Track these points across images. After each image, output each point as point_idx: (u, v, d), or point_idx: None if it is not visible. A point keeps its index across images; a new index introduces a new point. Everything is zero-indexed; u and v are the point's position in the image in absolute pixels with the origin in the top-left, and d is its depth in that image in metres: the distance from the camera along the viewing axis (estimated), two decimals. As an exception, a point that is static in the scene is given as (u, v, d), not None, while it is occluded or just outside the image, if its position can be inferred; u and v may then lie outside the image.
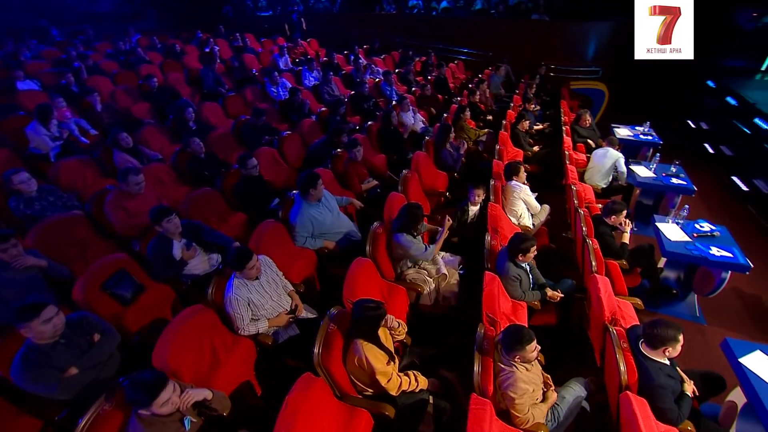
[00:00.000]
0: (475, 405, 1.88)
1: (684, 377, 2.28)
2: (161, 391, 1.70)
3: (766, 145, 5.08)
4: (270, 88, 6.30)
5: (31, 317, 1.97)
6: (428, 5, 10.75)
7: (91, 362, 2.18)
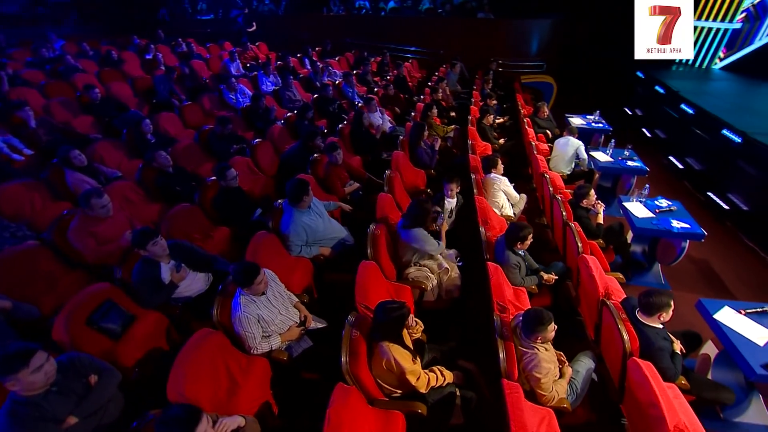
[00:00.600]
0: (509, 390, 1.96)
1: (672, 338, 2.54)
2: (197, 426, 1.58)
3: (693, 128, 5.76)
4: (228, 95, 6.02)
5: (19, 367, 1.73)
6: (376, 6, 10.85)
7: (92, 408, 1.96)
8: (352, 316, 2.31)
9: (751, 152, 4.63)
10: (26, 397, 1.80)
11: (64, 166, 3.73)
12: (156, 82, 6.41)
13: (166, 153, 3.86)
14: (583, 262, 2.97)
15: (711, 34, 8.02)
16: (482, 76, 7.79)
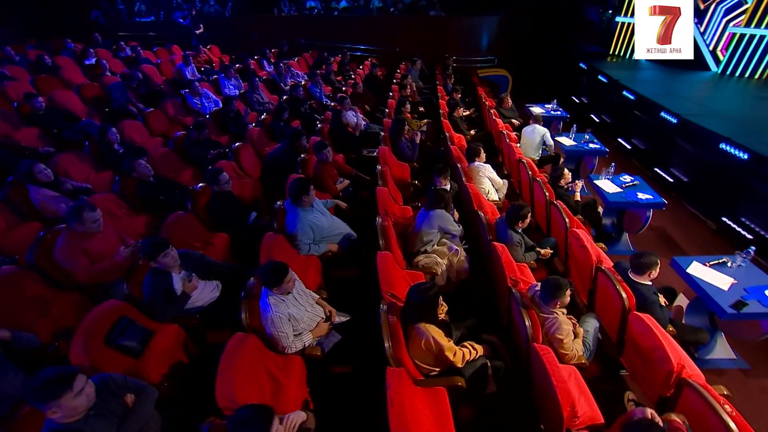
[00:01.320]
0: (543, 351, 2.16)
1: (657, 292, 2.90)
2: (272, 425, 1.59)
3: (635, 112, 6.47)
4: (192, 100, 5.75)
5: (62, 391, 1.62)
6: (327, 6, 10.83)
7: (134, 428, 1.88)
8: (383, 304, 2.39)
9: (686, 131, 5.31)
10: (66, 424, 1.69)
11: (27, 183, 3.40)
12: (112, 89, 5.97)
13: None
14: (573, 235, 3.28)
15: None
16: (442, 72, 8.10)
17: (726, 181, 4.65)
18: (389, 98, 6.36)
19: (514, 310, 2.59)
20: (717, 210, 4.64)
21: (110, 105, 5.84)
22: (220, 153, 4.59)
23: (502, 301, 2.97)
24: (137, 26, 10.18)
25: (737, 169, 4.55)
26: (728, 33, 7.82)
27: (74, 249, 2.74)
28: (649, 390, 2.46)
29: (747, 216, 4.34)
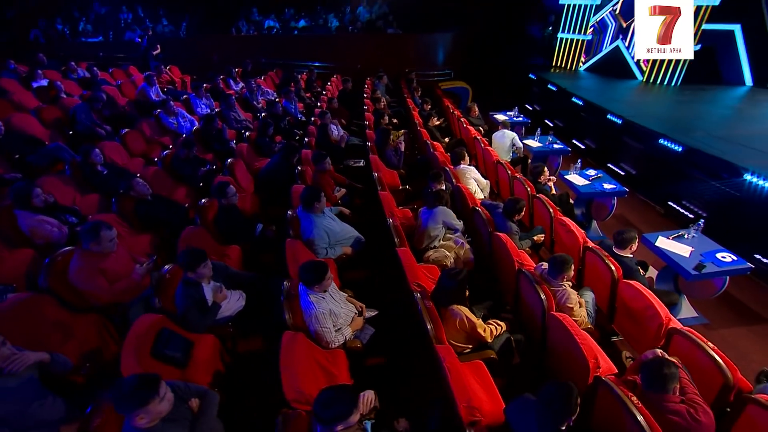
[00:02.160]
0: (561, 317, 2.49)
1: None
2: (358, 402, 1.75)
3: (584, 115, 7.32)
4: (167, 119, 5.67)
5: (149, 398, 1.67)
6: (286, 25, 11.05)
7: (207, 430, 1.94)
8: (416, 292, 2.62)
9: (630, 130, 6.14)
10: (146, 429, 1.73)
11: (18, 208, 3.25)
12: (76, 111, 5.71)
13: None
14: (559, 222, 3.74)
15: (574, 44, 10.15)
16: (408, 86, 8.60)
17: (667, 171, 5.44)
18: (365, 112, 6.66)
19: (525, 288, 2.92)
20: (663, 196, 5.40)
21: (74, 127, 5.58)
22: (209, 170, 4.60)
23: (508, 285, 3.31)
24: (83, 46, 9.68)
25: (675, 160, 5.36)
26: (649, 47, 9.09)
27: (92, 269, 2.69)
28: (642, 346, 2.87)
29: (687, 199, 5.12)
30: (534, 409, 1.82)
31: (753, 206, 4.31)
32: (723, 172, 4.65)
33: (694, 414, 1.91)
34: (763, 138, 5.51)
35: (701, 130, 5.74)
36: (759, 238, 4.08)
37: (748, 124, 6.23)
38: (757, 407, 2.05)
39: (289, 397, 2.00)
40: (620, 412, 1.94)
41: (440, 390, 2.16)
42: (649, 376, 2.01)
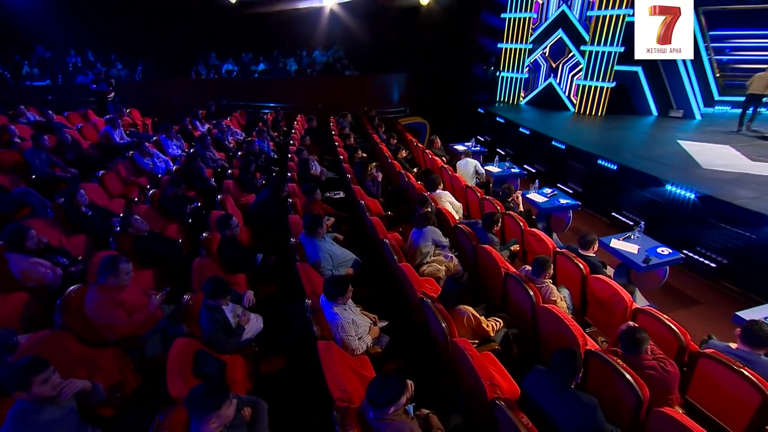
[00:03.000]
0: (551, 307, 2.98)
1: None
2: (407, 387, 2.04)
3: (532, 143, 8.36)
4: (142, 160, 5.72)
5: (222, 401, 1.85)
6: (245, 69, 11.50)
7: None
8: (426, 298, 2.99)
9: (573, 154, 7.16)
10: (214, 433, 1.89)
11: (11, 252, 3.22)
12: (27, 156, 5.57)
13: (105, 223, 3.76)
14: (530, 233, 4.34)
15: (515, 81, 11.58)
16: (371, 123, 9.27)
17: (607, 186, 6.40)
18: (337, 147, 7.13)
19: (513, 288, 3.40)
20: (607, 208, 6.31)
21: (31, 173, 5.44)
22: (196, 207, 4.74)
23: (495, 290, 3.77)
24: (28, 90, 9.34)
25: (612, 177, 6.35)
26: (575, 84, 10.66)
27: (111, 303, 2.76)
28: (613, 332, 3.39)
29: (626, 208, 6.05)
30: (547, 375, 2.23)
31: (675, 209, 5.26)
32: (650, 185, 5.63)
33: (664, 366, 2.42)
34: (673, 156, 6.72)
35: (628, 152, 6.86)
36: (683, 236, 4.97)
37: (660, 146, 7.53)
38: (706, 360, 2.61)
39: (335, 396, 2.23)
40: (610, 376, 2.40)
41: (462, 377, 2.51)
42: (626, 342, 2.51)
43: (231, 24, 11.04)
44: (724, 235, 4.76)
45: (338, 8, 11.12)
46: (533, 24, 11.03)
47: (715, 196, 4.94)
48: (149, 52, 11.33)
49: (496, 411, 2.16)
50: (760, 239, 4.43)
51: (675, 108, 9.91)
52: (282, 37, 12.26)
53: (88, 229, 4.10)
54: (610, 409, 2.26)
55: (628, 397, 2.32)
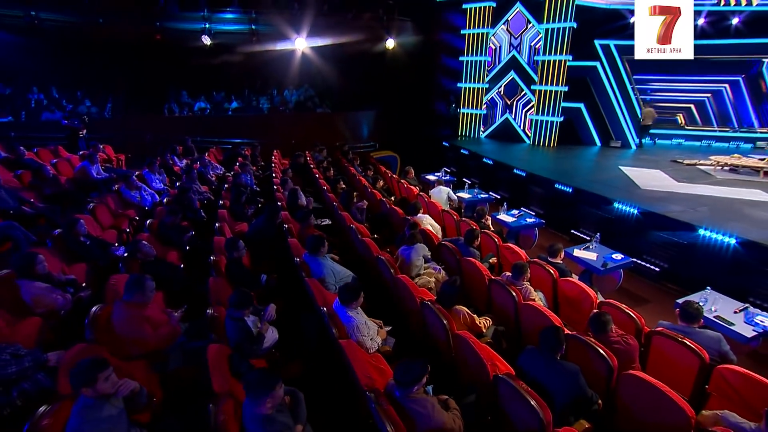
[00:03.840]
0: (533, 304, 3.53)
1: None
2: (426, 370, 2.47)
3: (495, 172, 9.28)
4: (129, 193, 5.89)
5: (276, 383, 2.19)
6: (218, 106, 11.90)
7: (304, 417, 2.44)
8: (428, 302, 3.45)
9: (533, 180, 8.09)
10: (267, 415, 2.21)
11: (21, 278, 3.35)
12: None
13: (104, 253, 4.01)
14: (505, 247, 4.97)
15: (474, 117, 12.78)
16: (345, 156, 9.88)
17: (565, 207, 7.30)
18: (318, 179, 7.62)
19: (497, 292, 3.94)
20: (566, 226, 7.17)
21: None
22: (192, 236, 4.98)
23: (480, 296, 4.29)
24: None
25: (568, 199, 7.26)
26: (528, 119, 12.00)
27: (139, 318, 2.99)
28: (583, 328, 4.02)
29: (583, 225, 6.93)
30: (537, 351, 2.74)
31: (622, 223, 6.16)
32: (601, 203, 6.55)
33: (627, 341, 3.01)
34: (617, 179, 7.82)
35: (580, 176, 7.89)
36: (631, 246, 5.82)
37: (606, 171, 8.69)
38: (658, 336, 3.24)
39: (363, 383, 2.60)
40: (585, 351, 2.96)
41: (466, 363, 2.95)
42: (595, 324, 3.09)
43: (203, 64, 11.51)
44: (663, 243, 5.66)
45: (309, 51, 11.95)
46: (488, 66, 12.43)
47: (653, 211, 5.88)
48: (117, 89, 11.48)
49: (500, 384, 2.61)
50: (689, 244, 5.34)
51: (614, 139, 11.43)
52: (253, 77, 12.86)
53: (87, 257, 4.24)
54: (587, 379, 2.78)
55: (600, 367, 2.87)
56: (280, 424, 2.20)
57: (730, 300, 3.82)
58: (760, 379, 2.63)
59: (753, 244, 4.81)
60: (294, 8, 12.05)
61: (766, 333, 3.41)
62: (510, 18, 11.85)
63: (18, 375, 2.60)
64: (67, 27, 9.66)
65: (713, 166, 8.63)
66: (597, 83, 11.65)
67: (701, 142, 11.90)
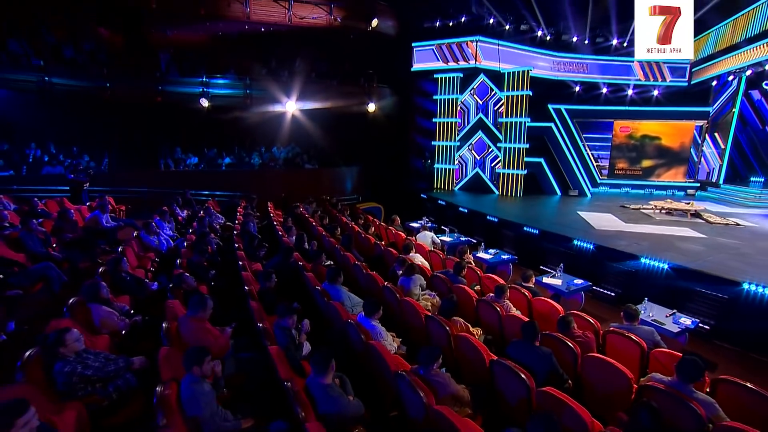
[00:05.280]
0: (516, 316, 4.53)
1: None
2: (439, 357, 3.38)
3: (471, 219, 10.58)
4: (148, 238, 6.61)
5: (331, 359, 3.04)
6: (211, 162, 12.89)
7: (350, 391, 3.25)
8: (431, 315, 4.38)
9: (505, 225, 9.40)
10: (328, 384, 3.03)
11: (91, 302, 4.04)
12: (25, 239, 6.19)
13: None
14: (487, 277, 6.04)
15: (447, 172, 14.39)
16: (334, 207, 10.95)
17: (533, 247, 8.56)
18: (315, 227, 8.58)
19: (484, 309, 4.92)
20: (534, 263, 8.37)
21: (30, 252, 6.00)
22: (215, 274, 5.74)
23: (470, 314, 5.24)
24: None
25: (535, 239, 8.55)
26: (496, 172, 13.72)
27: (203, 330, 3.74)
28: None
29: (549, 261, 8.15)
30: (520, 341, 3.71)
31: (581, 257, 7.43)
32: (563, 242, 7.85)
33: (586, 335, 4.04)
34: (576, 222, 9.27)
35: (543, 220, 9.29)
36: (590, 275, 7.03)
37: (566, 216, 10.19)
38: (611, 334, 4.29)
39: (393, 369, 3.45)
40: (556, 345, 3.95)
41: (467, 357, 3.85)
42: (561, 324, 4.12)
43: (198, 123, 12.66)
44: (615, 272, 6.92)
45: (298, 112, 13.42)
46: (458, 127, 14.30)
47: (605, 246, 7.21)
48: (114, 144, 12.31)
49: (495, 366, 3.53)
50: (635, 271, 6.61)
51: (572, 188, 13.24)
52: (243, 135, 14.08)
53: (131, 291, 4.92)
54: (559, 364, 3.75)
55: (567, 354, 3.85)
56: (338, 390, 3.00)
57: (662, 308, 4.98)
58: (677, 354, 3.70)
59: (681, 267, 6.14)
60: (284, 75, 13.69)
61: (687, 329, 4.55)
62: (475, 86, 13.96)
63: (114, 373, 3.27)
64: (75, 90, 10.63)
65: (653, 209, 10.35)
66: (553, 141, 13.70)
67: (644, 190, 13.96)
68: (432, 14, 14.16)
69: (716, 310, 5.63)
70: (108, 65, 11.40)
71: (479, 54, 13.09)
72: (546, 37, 13.59)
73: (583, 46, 13.78)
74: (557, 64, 13.81)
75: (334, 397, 2.94)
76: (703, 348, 5.36)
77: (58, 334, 3.11)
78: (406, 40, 14.30)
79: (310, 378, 3.06)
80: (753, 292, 5.36)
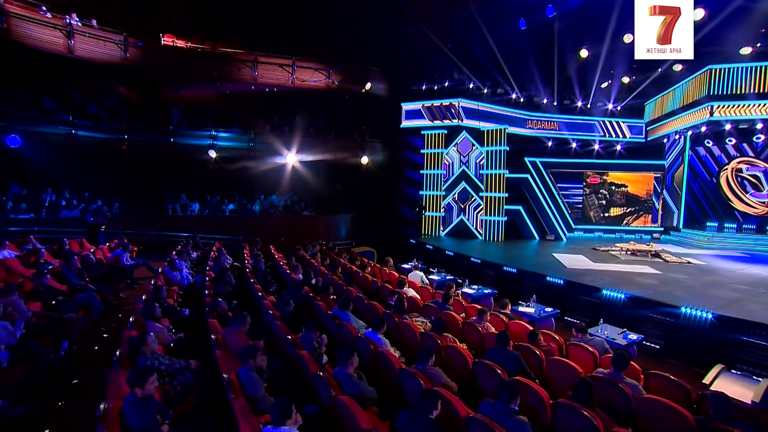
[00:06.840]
0: (491, 333, 5.63)
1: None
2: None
3: (455, 261, 11.79)
4: (172, 274, 7.58)
5: (353, 355, 4.09)
6: (216, 208, 14.04)
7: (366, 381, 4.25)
8: (428, 333, 5.45)
9: (487, 266, 10.63)
10: (352, 372, 4.05)
11: (147, 319, 5.01)
12: (67, 274, 7.13)
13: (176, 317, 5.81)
14: (472, 308, 7.15)
15: (434, 219, 15.79)
16: (332, 251, 12.07)
17: (512, 284, 9.75)
18: (318, 267, 9.66)
19: (468, 331, 6.00)
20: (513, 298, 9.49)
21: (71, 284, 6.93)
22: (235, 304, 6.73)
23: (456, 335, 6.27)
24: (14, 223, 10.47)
25: (513, 278, 9.77)
26: (479, 219, 15.18)
27: (244, 341, 4.72)
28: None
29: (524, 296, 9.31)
30: (495, 347, 4.80)
31: (553, 291, 8.64)
32: (538, 279, 9.08)
33: (550, 345, 5.15)
34: (551, 263, 10.57)
35: (522, 261, 10.56)
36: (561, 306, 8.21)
37: (542, 257, 11.51)
38: (571, 346, 5.40)
39: (397, 366, 4.47)
40: (526, 353, 5.04)
41: (454, 363, 4.90)
42: (529, 337, 5.24)
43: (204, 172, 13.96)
44: (582, 302, 8.11)
45: (297, 163, 14.88)
46: (444, 178, 15.92)
47: (573, 281, 8.46)
48: (122, 190, 13.41)
49: (477, 366, 4.59)
50: (598, 302, 7.83)
51: (549, 233, 14.72)
52: (245, 184, 15.39)
53: (167, 315, 5.87)
54: (528, 367, 4.82)
55: (534, 360, 4.94)
56: (357, 378, 4.01)
57: (615, 327, 6.15)
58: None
59: (635, 296, 7.39)
60: (285, 130, 15.30)
61: (633, 342, 5.71)
62: (459, 142, 15.78)
63: (178, 371, 4.22)
64: (98, 142, 11.89)
65: (619, 251, 11.79)
66: (530, 190, 15.37)
67: (615, 234, 15.55)
68: (419, 79, 16.25)
69: (664, 331, 6.82)
70: (126, 119, 12.80)
71: (461, 113, 15.01)
72: (520, 99, 15.71)
73: (552, 107, 15.94)
74: (531, 122, 15.85)
75: (355, 382, 3.95)
76: (655, 365, 6.43)
77: (141, 335, 4.09)
78: (396, 100, 16.25)
79: (336, 369, 4.07)
80: (689, 315, 6.60)
